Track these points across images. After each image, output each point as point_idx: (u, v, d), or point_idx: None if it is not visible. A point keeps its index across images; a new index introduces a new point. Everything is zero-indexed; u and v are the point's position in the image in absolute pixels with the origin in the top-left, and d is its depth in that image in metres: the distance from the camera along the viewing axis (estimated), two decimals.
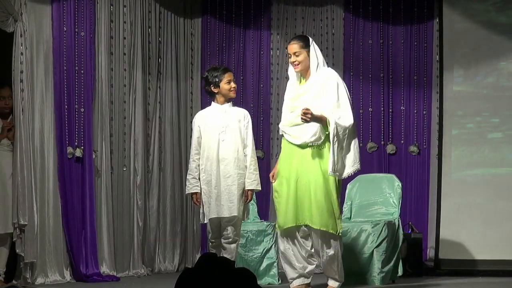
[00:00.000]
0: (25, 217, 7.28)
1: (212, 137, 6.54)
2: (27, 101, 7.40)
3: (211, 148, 6.53)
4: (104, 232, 8.02)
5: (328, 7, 9.21)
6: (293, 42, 6.47)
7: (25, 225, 7.29)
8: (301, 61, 6.41)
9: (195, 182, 6.56)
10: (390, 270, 7.41)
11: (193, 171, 6.60)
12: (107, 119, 8.11)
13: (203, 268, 2.94)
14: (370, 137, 9.08)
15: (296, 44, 6.44)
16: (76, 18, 7.81)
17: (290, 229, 6.43)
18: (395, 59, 9.07)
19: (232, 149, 6.53)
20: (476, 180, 8.59)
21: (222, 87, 6.54)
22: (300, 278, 6.50)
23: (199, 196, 6.55)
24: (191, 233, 8.95)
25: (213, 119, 6.58)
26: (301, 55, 6.41)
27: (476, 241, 8.39)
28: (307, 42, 6.45)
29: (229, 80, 6.55)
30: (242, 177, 6.53)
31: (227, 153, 6.52)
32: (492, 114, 8.66)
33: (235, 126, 6.56)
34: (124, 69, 8.30)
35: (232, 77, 6.60)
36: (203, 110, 6.89)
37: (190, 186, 6.61)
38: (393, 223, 7.58)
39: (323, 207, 6.26)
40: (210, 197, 6.52)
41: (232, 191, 6.48)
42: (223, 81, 6.54)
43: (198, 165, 6.59)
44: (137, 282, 7.78)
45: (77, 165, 7.80)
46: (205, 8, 9.18)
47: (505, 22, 8.65)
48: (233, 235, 6.51)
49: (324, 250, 6.35)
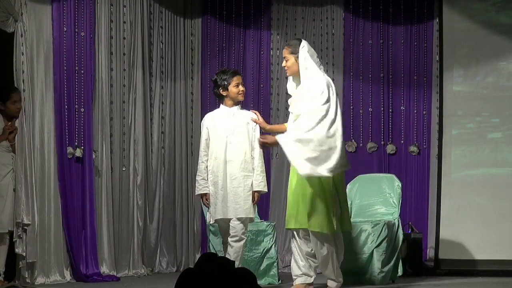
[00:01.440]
0: (28, 217, 7.29)
1: (220, 139, 6.59)
2: (28, 101, 7.40)
3: (219, 150, 6.58)
4: (104, 232, 8.02)
5: (328, 7, 9.21)
6: (285, 47, 6.54)
7: (28, 224, 7.29)
8: (290, 66, 6.46)
9: (205, 183, 6.61)
10: (390, 270, 7.41)
11: (202, 172, 6.64)
12: (107, 119, 8.11)
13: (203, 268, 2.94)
14: (370, 137, 9.08)
15: (286, 49, 6.49)
16: (76, 18, 7.81)
17: (293, 229, 6.50)
18: (395, 59, 9.07)
19: (239, 151, 6.57)
20: (476, 180, 8.59)
21: (230, 90, 6.60)
22: (302, 277, 6.52)
23: (208, 197, 6.59)
24: (191, 233, 8.96)
25: (221, 122, 6.63)
26: (289, 61, 6.45)
27: (476, 241, 8.39)
28: (296, 48, 6.42)
29: (237, 83, 6.60)
30: (249, 179, 6.57)
31: (234, 155, 6.56)
32: (492, 114, 8.66)
33: (243, 129, 6.61)
34: (124, 69, 8.30)
35: (240, 80, 6.65)
36: (212, 112, 6.92)
37: (199, 187, 6.66)
38: (393, 223, 7.58)
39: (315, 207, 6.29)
40: (216, 198, 6.55)
41: (238, 193, 6.52)
42: (231, 84, 6.59)
43: (206, 166, 6.63)
44: (137, 282, 7.78)
45: (77, 165, 7.80)
46: (205, 8, 9.19)
47: (505, 22, 8.65)
48: (240, 233, 6.53)
49: (318, 251, 6.38)
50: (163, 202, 8.69)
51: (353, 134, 9.09)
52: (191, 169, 8.97)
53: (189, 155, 9.00)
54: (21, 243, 7.28)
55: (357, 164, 8.67)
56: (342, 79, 9.14)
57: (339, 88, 9.15)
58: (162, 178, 8.70)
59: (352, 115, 9.09)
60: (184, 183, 8.92)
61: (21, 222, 7.25)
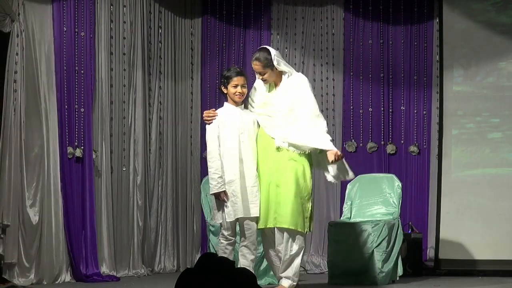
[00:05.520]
0: (8, 218, 7.26)
1: (233, 138, 6.51)
2: (19, 101, 7.38)
3: (233, 149, 6.49)
4: (104, 232, 8.02)
5: (328, 7, 9.21)
6: (254, 63, 6.50)
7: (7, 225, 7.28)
8: (268, 77, 6.52)
9: (222, 181, 6.48)
10: (390, 270, 7.41)
11: (218, 170, 6.48)
12: (107, 119, 8.11)
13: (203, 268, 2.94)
14: (370, 137, 9.08)
15: (258, 65, 6.48)
16: (76, 18, 7.81)
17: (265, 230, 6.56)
18: (395, 59, 9.07)
19: (252, 150, 6.53)
20: (476, 180, 8.59)
21: (229, 89, 6.56)
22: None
23: (227, 194, 6.51)
24: (191, 233, 8.96)
25: (231, 120, 6.54)
26: (266, 74, 6.49)
27: (476, 241, 8.40)
28: (268, 61, 6.44)
29: (236, 84, 6.53)
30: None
31: (248, 154, 6.52)
32: (492, 114, 8.66)
33: (252, 128, 6.57)
34: (124, 69, 8.30)
35: (242, 82, 6.55)
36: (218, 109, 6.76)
37: (218, 185, 6.47)
38: (393, 223, 7.58)
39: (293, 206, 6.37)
40: (235, 196, 6.49)
41: (254, 192, 6.49)
42: (230, 83, 6.55)
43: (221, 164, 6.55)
44: (137, 282, 7.78)
45: (77, 165, 7.80)
46: (205, 8, 9.19)
47: (505, 22, 8.66)
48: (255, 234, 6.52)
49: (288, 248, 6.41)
50: (163, 202, 8.69)
51: (353, 134, 9.09)
52: (191, 169, 8.98)
53: (189, 155, 9.00)
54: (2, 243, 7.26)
55: (357, 164, 8.67)
56: (342, 79, 9.15)
57: (339, 88, 9.16)
58: (162, 178, 8.70)
59: (352, 115, 9.09)
60: (184, 183, 8.92)
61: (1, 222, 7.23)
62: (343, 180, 6.78)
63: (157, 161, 8.65)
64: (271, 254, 6.58)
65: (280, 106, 6.50)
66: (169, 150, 8.78)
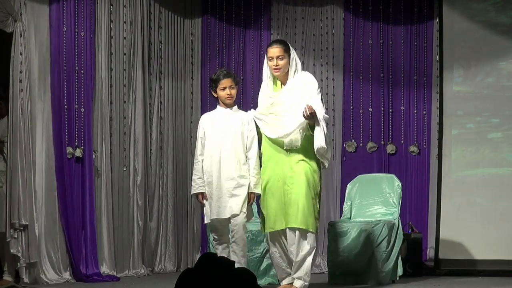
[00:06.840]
0: (26, 217, 7.28)
1: (215, 140, 6.59)
2: (26, 101, 7.39)
3: (214, 150, 6.57)
4: (104, 232, 8.02)
5: (328, 7, 9.21)
6: (276, 46, 6.51)
7: (26, 225, 7.28)
8: (283, 66, 6.49)
9: (202, 182, 6.60)
10: (390, 270, 7.41)
11: (199, 171, 6.63)
12: (107, 119, 8.11)
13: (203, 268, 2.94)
14: (370, 137, 9.08)
15: (279, 47, 6.48)
16: (76, 18, 7.81)
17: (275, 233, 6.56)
18: (395, 59, 9.07)
19: (234, 152, 6.54)
20: (476, 180, 8.59)
21: (218, 93, 6.60)
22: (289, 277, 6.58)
23: (205, 195, 6.57)
24: (191, 233, 8.96)
25: (217, 122, 6.62)
26: (284, 59, 6.47)
27: (476, 241, 8.40)
28: (288, 46, 6.52)
29: (224, 87, 6.57)
30: (243, 180, 6.55)
31: (229, 156, 6.54)
32: (492, 114, 8.66)
33: (238, 130, 6.58)
34: (124, 69, 8.30)
35: (229, 83, 6.58)
36: (209, 112, 6.91)
37: (196, 186, 6.63)
38: (393, 223, 7.58)
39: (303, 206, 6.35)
40: (211, 198, 6.55)
41: (234, 193, 6.50)
42: (218, 86, 6.59)
43: (202, 166, 6.61)
44: (137, 282, 7.78)
45: (77, 165, 7.80)
46: (205, 8, 9.19)
47: (505, 22, 8.65)
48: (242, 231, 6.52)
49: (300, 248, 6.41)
50: (163, 202, 8.69)
51: (353, 134, 9.09)
52: (191, 169, 8.96)
53: (189, 155, 9.00)
54: (16, 243, 7.26)
55: (357, 164, 8.67)
56: (342, 79, 9.15)
57: (339, 88, 9.16)
58: (163, 178, 8.70)
59: (352, 115, 9.09)
60: (184, 183, 8.92)
61: (17, 222, 7.23)
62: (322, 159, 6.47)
63: (158, 161, 8.65)
64: (276, 255, 6.58)
65: (286, 106, 6.48)
66: (170, 150, 8.78)
